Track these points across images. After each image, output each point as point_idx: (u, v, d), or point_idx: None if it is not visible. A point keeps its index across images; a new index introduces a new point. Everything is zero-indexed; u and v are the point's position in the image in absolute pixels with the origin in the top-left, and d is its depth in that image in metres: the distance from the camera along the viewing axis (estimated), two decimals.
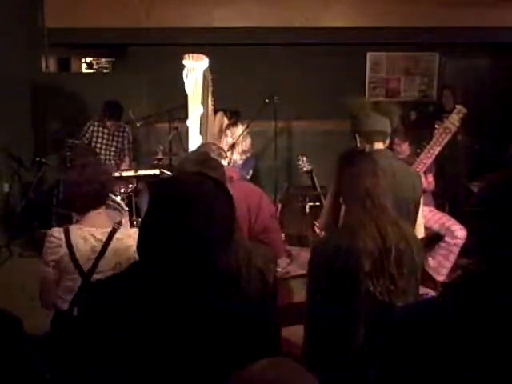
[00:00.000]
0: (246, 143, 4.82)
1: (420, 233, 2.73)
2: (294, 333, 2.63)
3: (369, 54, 7.11)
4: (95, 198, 2.40)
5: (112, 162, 5.78)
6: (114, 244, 2.33)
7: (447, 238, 4.12)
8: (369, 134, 2.85)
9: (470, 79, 6.82)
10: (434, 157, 3.76)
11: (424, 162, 3.81)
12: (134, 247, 2.28)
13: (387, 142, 2.99)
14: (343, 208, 2.71)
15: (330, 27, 6.67)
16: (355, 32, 6.64)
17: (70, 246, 2.32)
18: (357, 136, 2.95)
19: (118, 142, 5.79)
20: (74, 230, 2.37)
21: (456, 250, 4.15)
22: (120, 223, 2.45)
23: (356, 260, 2.00)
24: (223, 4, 6.59)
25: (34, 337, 2.31)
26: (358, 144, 2.97)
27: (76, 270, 2.32)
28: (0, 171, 5.68)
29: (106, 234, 2.35)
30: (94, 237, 2.35)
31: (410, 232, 2.16)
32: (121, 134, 5.79)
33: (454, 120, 3.49)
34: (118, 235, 2.36)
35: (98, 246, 2.33)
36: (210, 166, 2.12)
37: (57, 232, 2.37)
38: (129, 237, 2.37)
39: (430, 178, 4.32)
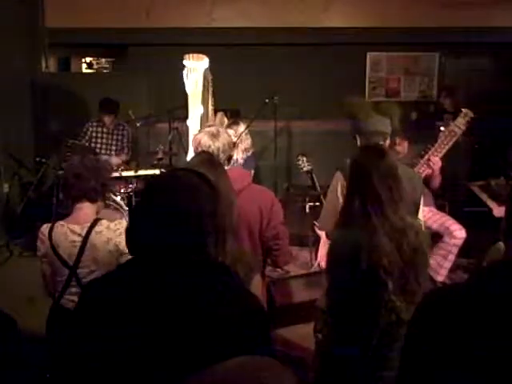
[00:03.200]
0: (247, 142, 4.82)
1: None
2: (294, 333, 2.64)
3: (369, 54, 7.10)
4: (90, 190, 2.44)
5: None
6: (92, 238, 2.37)
7: (446, 238, 4.12)
8: (369, 134, 2.85)
9: (470, 79, 6.82)
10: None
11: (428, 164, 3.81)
12: (115, 240, 2.36)
13: (387, 142, 2.99)
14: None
15: (329, 27, 6.67)
16: (355, 32, 6.64)
17: (51, 241, 2.39)
18: (357, 136, 2.95)
19: (118, 141, 5.80)
20: (58, 226, 2.44)
21: (455, 250, 4.15)
22: (116, 219, 2.51)
23: (378, 257, 2.04)
24: (223, 4, 6.59)
25: (33, 336, 2.31)
26: (358, 144, 2.97)
27: (61, 264, 2.39)
28: (0, 171, 5.68)
29: (86, 229, 2.39)
30: (74, 232, 2.40)
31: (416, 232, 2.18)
32: (120, 131, 5.79)
33: (459, 123, 3.50)
34: (97, 228, 2.38)
35: (78, 241, 2.38)
36: (210, 164, 2.12)
37: (44, 228, 2.47)
38: (108, 229, 2.40)
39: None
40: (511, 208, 1.23)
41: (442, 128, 3.54)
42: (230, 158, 2.66)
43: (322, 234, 4.72)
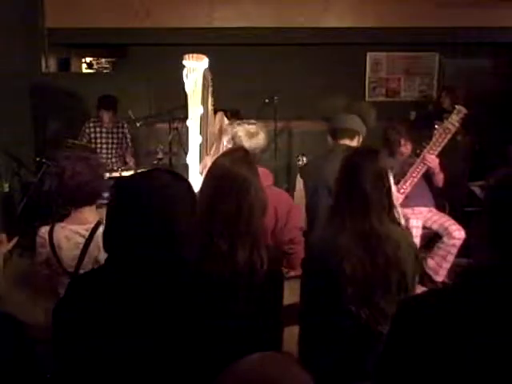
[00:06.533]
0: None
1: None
2: (293, 333, 2.62)
3: (369, 54, 7.11)
4: (91, 193, 2.38)
5: (114, 160, 5.78)
6: (97, 239, 2.29)
7: (445, 239, 4.13)
8: (336, 131, 2.92)
9: (470, 79, 6.81)
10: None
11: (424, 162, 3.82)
12: None
13: (356, 139, 3.02)
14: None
15: (329, 27, 6.67)
16: (355, 32, 6.64)
17: (52, 245, 2.31)
18: (328, 135, 3.00)
19: (119, 139, 5.79)
20: (58, 229, 2.35)
21: (454, 250, 4.15)
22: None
23: (341, 260, 2.01)
24: (223, 4, 6.59)
25: (33, 337, 2.31)
26: (329, 143, 3.01)
27: (61, 269, 2.32)
28: (0, 171, 5.68)
29: (90, 230, 2.32)
30: (78, 233, 2.33)
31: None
32: (120, 130, 5.79)
33: (453, 120, 3.50)
34: (102, 229, 2.30)
35: (82, 242, 2.31)
36: (243, 162, 2.01)
37: (42, 231, 2.36)
38: None
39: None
40: (490, 215, 1.24)
41: (436, 126, 3.55)
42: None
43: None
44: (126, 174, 5.12)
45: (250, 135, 2.56)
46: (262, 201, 1.90)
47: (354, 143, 3.06)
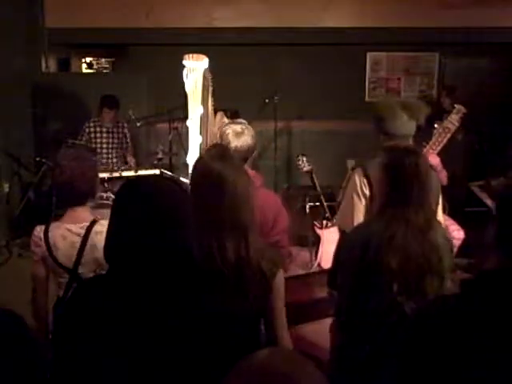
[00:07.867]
0: None
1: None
2: (292, 333, 2.62)
3: (369, 54, 7.11)
4: (77, 192, 2.37)
5: (115, 160, 5.77)
6: (92, 238, 2.29)
7: None
8: (394, 136, 2.88)
9: (470, 79, 6.82)
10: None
11: None
12: None
13: (410, 141, 3.02)
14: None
15: (330, 27, 6.67)
16: (355, 32, 6.64)
17: (48, 244, 2.31)
18: (381, 136, 2.95)
19: (119, 139, 5.79)
20: (53, 228, 2.35)
21: (454, 250, 4.15)
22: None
23: (385, 253, 2.05)
24: (223, 4, 6.59)
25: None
26: (382, 144, 2.98)
27: (60, 267, 2.32)
28: (0, 171, 5.68)
29: (85, 228, 2.31)
30: (73, 232, 2.32)
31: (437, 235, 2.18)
32: (120, 129, 5.78)
33: (453, 120, 3.49)
34: (97, 228, 2.30)
35: (77, 241, 2.30)
36: (221, 158, 1.98)
37: (38, 230, 2.37)
38: None
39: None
40: (501, 218, 1.24)
41: (435, 125, 3.54)
42: (245, 159, 2.58)
43: (322, 233, 4.73)
44: (126, 174, 5.13)
45: (237, 134, 2.57)
46: (243, 196, 1.89)
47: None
